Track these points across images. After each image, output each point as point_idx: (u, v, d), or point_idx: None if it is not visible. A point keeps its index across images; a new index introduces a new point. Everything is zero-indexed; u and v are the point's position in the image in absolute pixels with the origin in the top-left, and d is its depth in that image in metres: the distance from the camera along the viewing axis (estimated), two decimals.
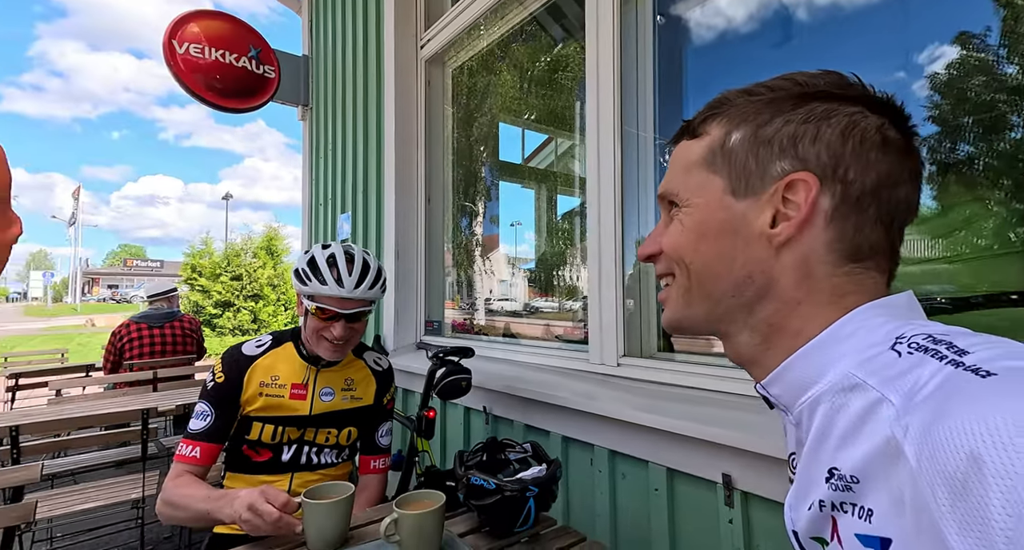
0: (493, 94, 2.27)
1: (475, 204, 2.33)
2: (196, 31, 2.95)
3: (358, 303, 1.16)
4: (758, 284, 0.42)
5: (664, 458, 1.09)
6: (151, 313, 3.48)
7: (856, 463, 0.34)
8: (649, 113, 1.41)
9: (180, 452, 1.11)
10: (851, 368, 0.36)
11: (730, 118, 0.44)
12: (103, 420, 2.03)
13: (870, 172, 0.40)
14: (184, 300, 11.70)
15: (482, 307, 2.23)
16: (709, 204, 0.44)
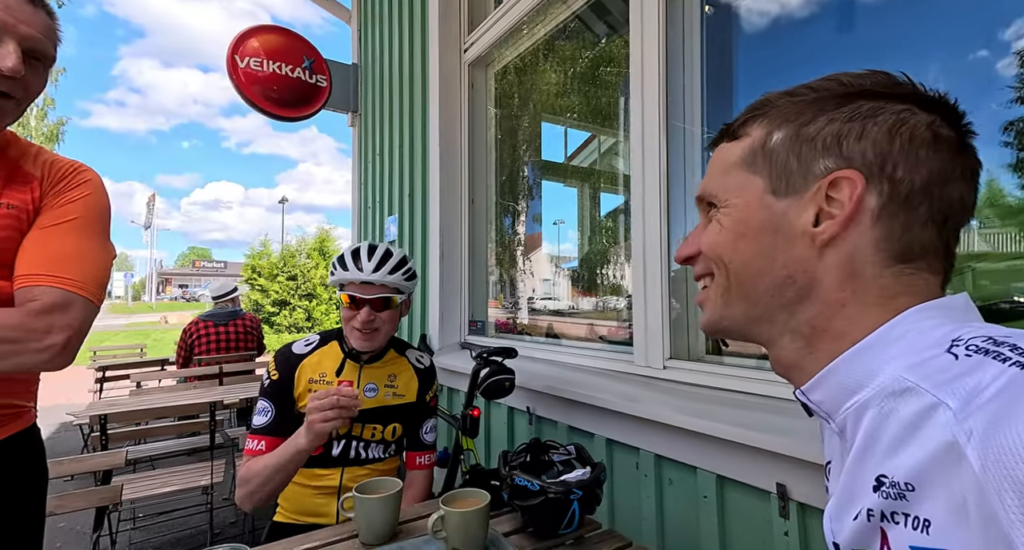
0: (536, 94, 2.27)
1: (518, 203, 2.34)
2: (256, 45, 3.12)
3: (379, 289, 1.22)
4: (800, 284, 0.41)
5: (713, 465, 1.05)
6: (217, 312, 3.72)
7: (911, 470, 0.32)
8: (696, 107, 1.37)
9: (247, 446, 1.19)
10: (902, 371, 0.34)
11: (771, 119, 0.44)
12: (177, 411, 2.19)
13: (920, 170, 0.38)
14: (245, 299, 12.42)
15: (525, 306, 2.23)
16: (749, 203, 0.43)
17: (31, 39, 0.73)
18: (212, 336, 3.62)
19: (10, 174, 0.80)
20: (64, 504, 1.26)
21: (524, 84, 2.29)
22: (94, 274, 0.80)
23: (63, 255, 0.77)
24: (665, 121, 1.34)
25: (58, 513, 1.25)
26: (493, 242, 2.33)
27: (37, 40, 0.74)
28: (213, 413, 2.12)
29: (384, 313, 1.24)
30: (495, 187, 2.33)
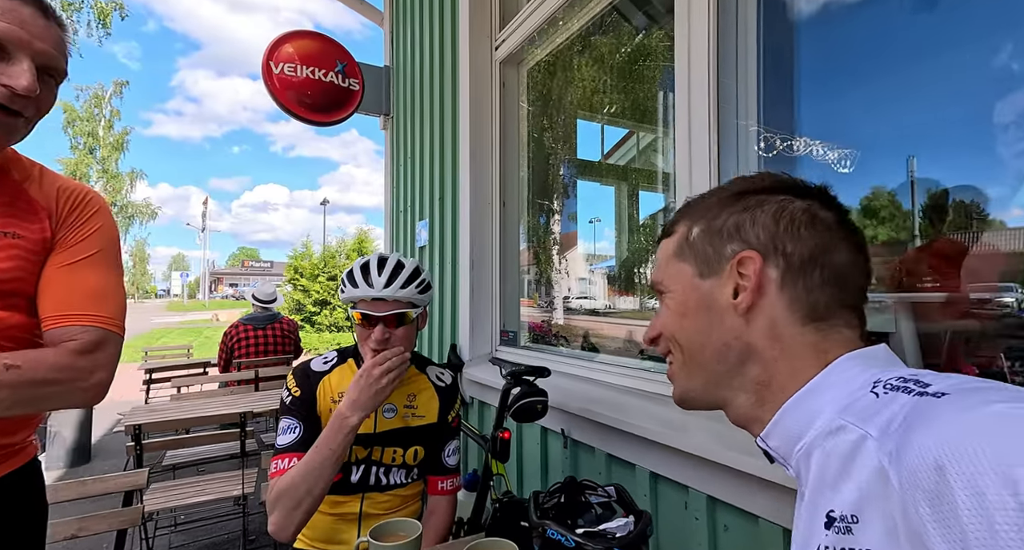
0: (571, 90, 2.15)
1: (553, 203, 2.23)
2: (290, 51, 3.13)
3: (392, 304, 1.13)
4: (737, 349, 0.48)
5: (776, 515, 0.91)
6: (256, 315, 3.79)
7: (852, 500, 0.36)
8: (752, 99, 1.21)
9: (275, 468, 1.08)
10: (835, 413, 0.40)
11: (691, 217, 0.53)
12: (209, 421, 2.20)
13: (805, 244, 0.47)
14: (288, 299, 12.82)
15: (561, 306, 2.13)
16: (684, 288, 0.52)
17: (45, 55, 0.71)
18: (251, 339, 3.69)
19: (13, 200, 0.77)
20: (86, 527, 1.24)
21: (559, 81, 2.17)
22: (120, 308, 0.83)
23: (93, 292, 0.79)
24: (716, 117, 1.19)
25: (80, 536, 1.23)
26: (527, 242, 2.23)
27: (51, 56, 0.72)
28: (243, 424, 2.11)
29: (399, 330, 1.14)
30: (528, 187, 2.22)
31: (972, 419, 0.30)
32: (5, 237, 0.73)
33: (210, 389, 3.18)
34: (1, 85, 0.66)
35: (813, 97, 1.20)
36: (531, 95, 2.24)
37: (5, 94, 0.67)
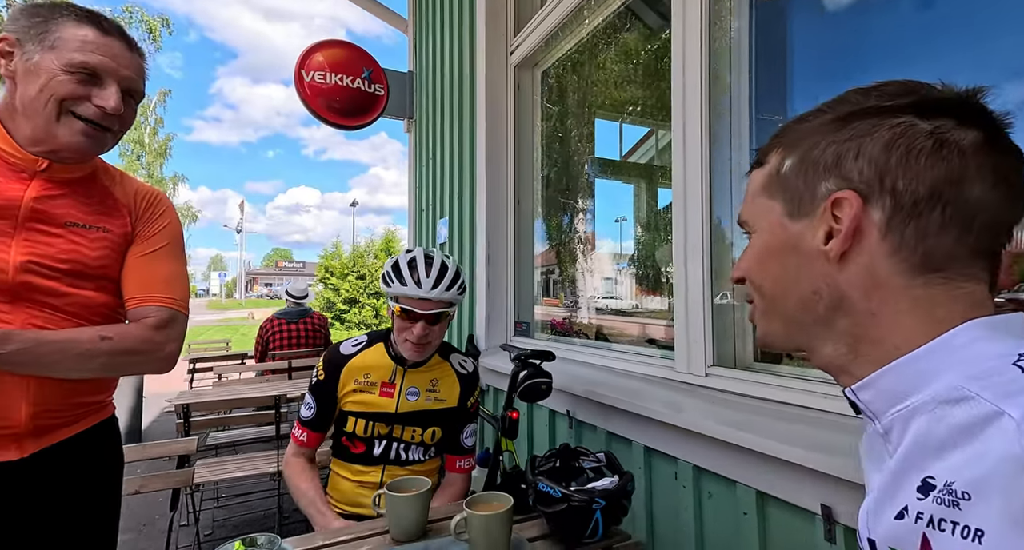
0: (586, 91, 2.23)
1: (572, 202, 2.31)
2: (320, 60, 3.31)
3: (436, 304, 1.23)
4: (827, 298, 0.44)
5: (754, 480, 0.99)
6: (289, 310, 4.02)
7: (971, 480, 0.32)
8: (744, 92, 1.29)
9: (293, 433, 1.30)
10: (960, 381, 0.35)
11: (785, 146, 0.47)
12: (249, 402, 2.39)
13: (923, 179, 0.39)
14: (319, 297, 13.25)
15: (585, 305, 2.20)
16: (771, 227, 0.47)
17: (129, 80, 0.86)
18: (285, 332, 3.92)
19: (103, 200, 0.93)
20: (147, 484, 1.42)
21: (573, 82, 2.26)
22: (185, 292, 0.99)
23: (164, 278, 0.95)
24: (708, 107, 1.27)
25: (142, 492, 1.41)
26: (550, 241, 2.32)
27: (133, 80, 0.87)
28: (278, 407, 2.30)
29: (436, 327, 1.25)
30: (542, 188, 2.32)
31: None
32: (97, 231, 0.89)
33: (248, 377, 3.40)
34: (95, 105, 0.82)
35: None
36: (545, 97, 2.35)
37: (97, 113, 0.82)
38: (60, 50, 0.79)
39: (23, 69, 0.79)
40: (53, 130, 0.81)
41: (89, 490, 0.93)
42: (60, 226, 0.85)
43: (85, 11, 0.83)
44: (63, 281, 0.85)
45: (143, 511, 2.78)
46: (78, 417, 0.90)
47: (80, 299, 0.87)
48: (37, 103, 0.79)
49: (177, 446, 1.51)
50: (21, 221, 0.81)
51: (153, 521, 2.75)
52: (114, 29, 0.85)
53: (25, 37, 0.79)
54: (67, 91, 0.80)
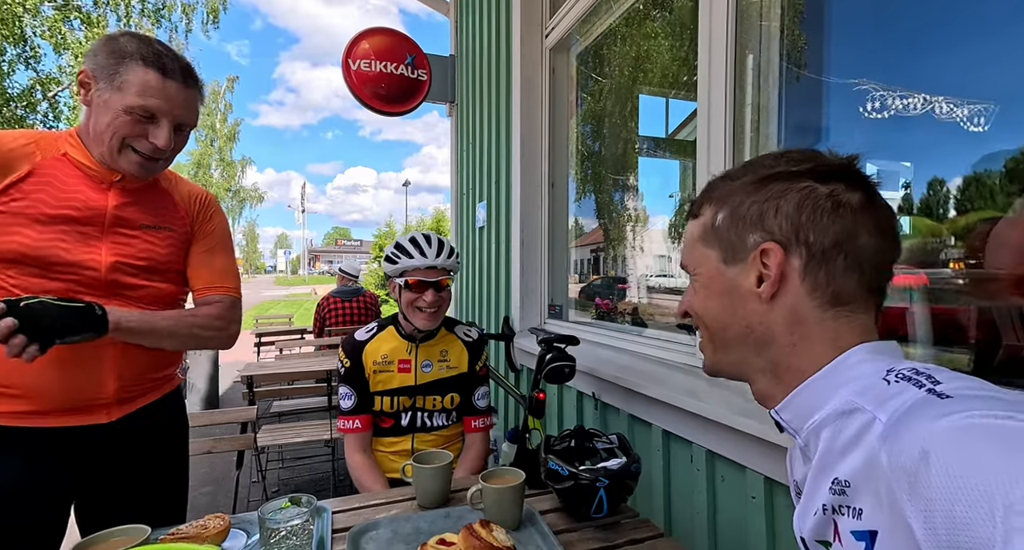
0: (624, 70, 2.19)
1: (617, 182, 2.29)
2: (366, 48, 3.41)
3: (440, 272, 1.37)
4: (758, 333, 0.52)
5: (761, 466, 1.02)
6: (343, 289, 4.28)
7: (849, 470, 0.42)
8: (773, 61, 1.24)
9: (342, 427, 1.41)
10: (850, 396, 0.44)
11: (716, 201, 0.55)
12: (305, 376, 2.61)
13: (827, 233, 0.48)
14: (372, 274, 13.83)
15: (635, 284, 2.20)
16: (710, 272, 0.55)
17: (180, 117, 0.98)
18: (339, 310, 4.18)
19: (165, 203, 1.08)
20: (217, 446, 1.64)
21: (611, 61, 2.22)
22: (238, 280, 1.18)
23: (222, 270, 1.14)
24: (733, 78, 1.24)
25: (213, 452, 1.63)
26: (592, 221, 2.32)
27: (184, 116, 0.99)
28: (330, 381, 2.50)
29: (444, 293, 1.39)
30: (580, 170, 2.33)
31: (966, 425, 0.34)
32: (165, 231, 1.05)
33: (307, 351, 3.69)
34: (149, 142, 0.94)
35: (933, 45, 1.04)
36: (581, 79, 2.33)
37: (150, 148, 0.95)
38: (125, 93, 0.90)
39: (97, 102, 0.92)
40: (115, 159, 0.94)
41: (163, 447, 1.11)
42: (136, 229, 1.01)
43: (153, 52, 0.92)
44: (140, 276, 1.00)
45: (221, 469, 3.14)
46: (152, 388, 1.06)
47: (152, 290, 1.02)
48: (104, 136, 0.92)
49: (241, 413, 1.72)
50: (107, 226, 0.97)
51: (229, 477, 3.10)
52: (175, 69, 0.94)
53: (100, 75, 0.91)
54: (127, 131, 0.92)
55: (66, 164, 0.94)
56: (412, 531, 0.95)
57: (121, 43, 0.91)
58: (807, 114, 1.29)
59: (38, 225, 0.89)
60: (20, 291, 0.88)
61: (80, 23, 8.84)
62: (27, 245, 0.88)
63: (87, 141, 0.95)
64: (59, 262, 0.91)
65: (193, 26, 10.43)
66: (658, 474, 1.34)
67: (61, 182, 0.93)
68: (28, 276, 0.89)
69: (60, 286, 0.91)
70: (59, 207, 0.91)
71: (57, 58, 9.13)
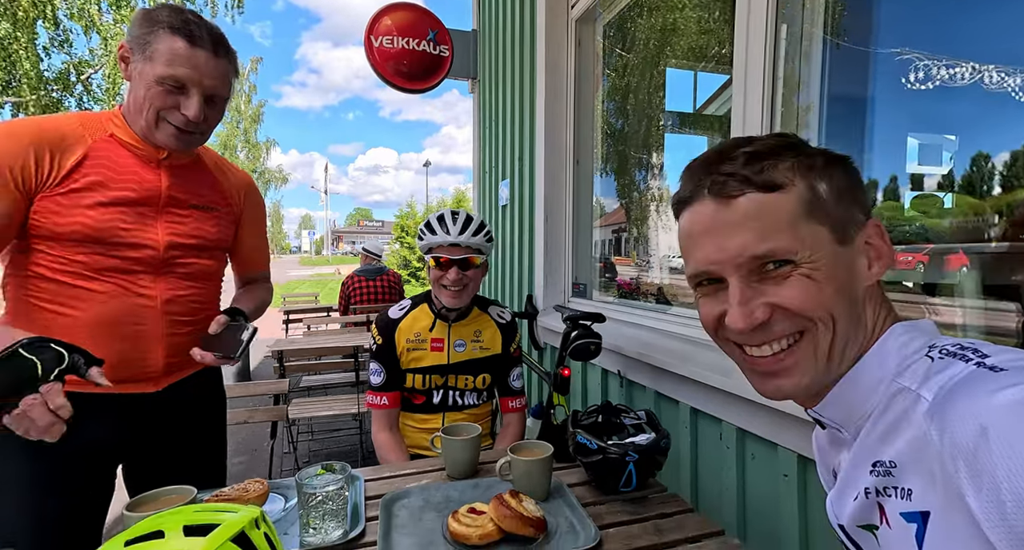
0: (653, 41, 2.12)
1: (642, 159, 2.24)
2: (388, 24, 3.36)
3: (464, 250, 1.35)
4: (861, 329, 0.46)
5: (795, 444, 1.00)
6: (367, 268, 4.35)
7: (895, 452, 0.40)
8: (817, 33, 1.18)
9: (371, 401, 1.43)
10: (894, 377, 0.42)
11: (800, 171, 0.45)
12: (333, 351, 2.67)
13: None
14: (395, 255, 13.97)
15: (657, 264, 2.17)
16: (829, 255, 0.44)
17: (212, 87, 0.96)
18: (364, 288, 4.25)
19: (211, 184, 1.11)
20: (252, 416, 1.70)
21: (639, 32, 2.15)
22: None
23: (262, 249, 1.28)
24: (772, 48, 1.18)
25: (250, 422, 1.69)
26: (614, 200, 2.29)
27: (216, 87, 0.97)
28: (356, 356, 2.55)
29: (469, 271, 1.37)
30: (606, 147, 2.27)
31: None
32: (212, 211, 1.08)
33: (333, 328, 3.77)
34: (180, 114, 0.93)
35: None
36: (608, 51, 2.26)
37: (182, 120, 0.94)
38: (155, 62, 0.89)
39: (134, 76, 0.91)
40: (153, 133, 0.95)
41: (204, 416, 1.16)
42: (187, 208, 1.03)
43: (180, 20, 0.90)
44: (191, 254, 1.04)
45: (254, 441, 3.26)
46: (194, 361, 1.09)
47: (200, 266, 1.06)
48: (142, 109, 0.92)
49: (273, 386, 1.78)
50: (161, 206, 0.99)
51: (262, 448, 3.22)
52: (204, 37, 0.92)
53: (135, 46, 0.91)
54: (160, 103, 0.92)
55: (115, 145, 0.95)
56: (442, 500, 0.97)
57: (154, 14, 0.91)
58: (848, 86, 1.23)
59: (100, 206, 0.91)
60: (84, 269, 0.91)
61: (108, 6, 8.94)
62: (89, 226, 0.90)
63: (130, 117, 0.96)
64: (120, 242, 0.93)
65: (218, 10, 10.46)
66: (685, 451, 1.34)
67: (115, 163, 0.94)
68: (91, 254, 0.91)
69: (119, 263, 0.94)
70: (117, 188, 0.93)
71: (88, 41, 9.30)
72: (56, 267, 0.90)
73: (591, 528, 0.85)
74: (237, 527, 0.55)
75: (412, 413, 1.47)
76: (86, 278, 0.92)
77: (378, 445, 1.41)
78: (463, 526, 0.81)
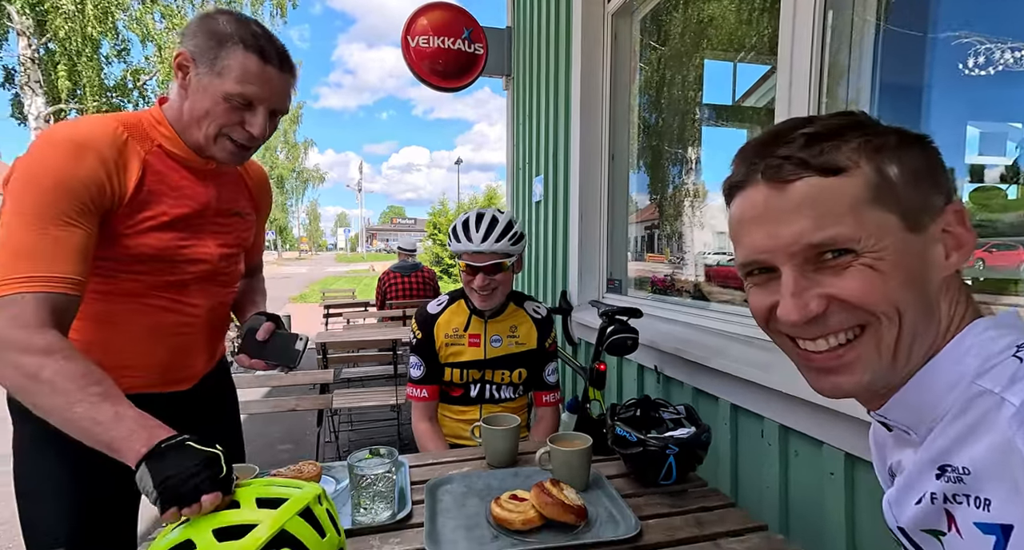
0: (692, 33, 2.08)
1: (678, 153, 2.21)
2: (424, 24, 3.41)
3: (489, 256, 1.35)
4: (935, 323, 0.43)
5: (842, 442, 0.98)
6: (402, 265, 4.45)
7: (970, 458, 0.37)
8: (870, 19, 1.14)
9: (411, 394, 1.48)
10: (974, 378, 0.39)
11: (867, 152, 0.41)
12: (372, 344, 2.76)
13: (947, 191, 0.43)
14: (428, 252, 14.17)
15: (692, 261, 2.13)
16: (897, 244, 0.40)
17: (276, 103, 0.93)
18: (399, 284, 4.36)
19: (244, 186, 1.11)
20: (300, 404, 1.78)
21: (677, 24, 2.12)
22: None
23: (263, 240, 1.29)
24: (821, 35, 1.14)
25: (297, 409, 1.77)
26: (648, 196, 2.27)
27: (280, 102, 0.94)
28: (395, 349, 2.62)
29: (497, 275, 1.38)
30: (641, 142, 2.26)
31: None
32: (246, 216, 1.09)
33: (371, 322, 3.88)
34: (244, 130, 0.91)
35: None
36: (645, 45, 2.23)
37: (245, 137, 0.92)
38: (225, 78, 0.86)
39: (195, 86, 0.88)
40: (210, 147, 0.92)
41: (221, 408, 1.19)
42: (228, 216, 1.04)
43: (250, 34, 0.88)
44: (230, 260, 1.05)
45: (297, 428, 3.40)
46: (217, 356, 1.14)
47: (235, 271, 1.09)
48: (202, 122, 0.89)
49: (319, 375, 1.87)
50: (210, 217, 0.99)
51: (305, 436, 3.36)
52: (273, 53, 0.90)
53: (200, 57, 0.86)
54: (225, 120, 0.89)
55: (165, 157, 0.92)
56: (484, 487, 1.00)
57: (220, 24, 0.88)
58: (900, 73, 1.18)
59: (162, 227, 0.91)
60: (142, 286, 0.92)
61: (160, 16, 9.42)
62: (154, 247, 0.90)
63: (180, 125, 0.92)
64: (181, 259, 0.94)
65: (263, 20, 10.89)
66: (725, 447, 1.32)
67: (170, 178, 0.92)
68: (154, 274, 0.92)
69: (177, 279, 0.95)
70: (175, 206, 0.92)
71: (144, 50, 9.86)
72: (113, 284, 0.89)
73: (631, 518, 0.86)
74: (303, 502, 0.59)
75: (450, 405, 1.51)
76: (142, 294, 0.92)
77: (418, 435, 1.45)
78: (506, 511, 0.84)
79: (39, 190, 0.77)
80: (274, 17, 11.06)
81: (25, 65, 9.14)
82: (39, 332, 0.71)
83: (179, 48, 0.89)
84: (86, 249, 0.79)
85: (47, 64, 9.20)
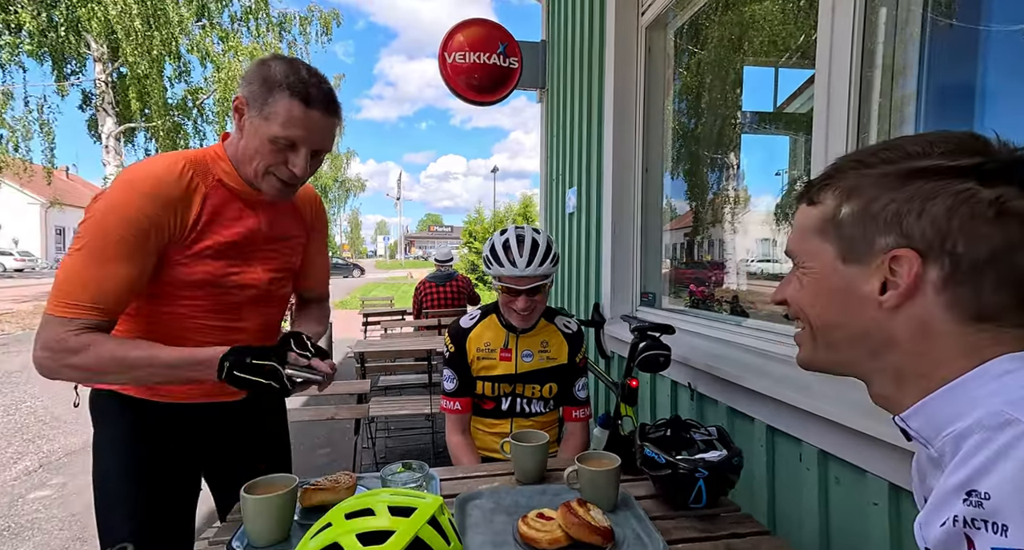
0: (729, 42, 2.05)
1: (717, 160, 2.18)
2: (461, 40, 3.51)
3: (532, 279, 1.37)
4: (876, 339, 0.47)
5: (885, 471, 0.94)
6: (438, 274, 4.54)
7: (992, 484, 0.38)
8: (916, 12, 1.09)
9: (444, 406, 1.51)
10: (1001, 405, 0.39)
11: (842, 190, 0.48)
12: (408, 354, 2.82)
13: (983, 244, 0.41)
14: (464, 260, 14.34)
15: (734, 270, 2.08)
16: (823, 268, 0.49)
17: (319, 144, 0.99)
18: (435, 293, 4.45)
19: (293, 211, 1.17)
20: (338, 413, 1.85)
21: (713, 34, 2.09)
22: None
23: (327, 270, 1.33)
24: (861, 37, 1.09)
25: (336, 418, 1.84)
26: (686, 204, 2.24)
27: (322, 143, 1.00)
28: (430, 359, 2.67)
29: (538, 297, 1.41)
30: (680, 148, 2.23)
31: None
32: (294, 240, 1.15)
33: (407, 331, 3.97)
34: (288, 169, 0.98)
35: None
36: (680, 57, 2.22)
37: (288, 175, 0.99)
38: (271, 123, 0.93)
39: (248, 128, 0.96)
40: (258, 183, 1.01)
41: (269, 418, 1.26)
42: (277, 241, 1.11)
43: (299, 80, 0.93)
44: (278, 283, 1.12)
45: (334, 435, 3.51)
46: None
47: (283, 292, 1.16)
48: (252, 160, 0.97)
49: (357, 385, 1.93)
50: (260, 244, 1.07)
51: (342, 442, 3.46)
52: (319, 98, 0.95)
53: (253, 102, 0.94)
54: (270, 160, 0.97)
55: (224, 191, 1.01)
56: (512, 504, 1.01)
57: (272, 70, 0.94)
58: (955, 73, 1.12)
59: (216, 256, 0.99)
60: (197, 310, 1.01)
61: (218, 38, 10.04)
62: (210, 274, 0.99)
63: (236, 161, 1.01)
64: (233, 285, 1.03)
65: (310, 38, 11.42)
66: (760, 470, 1.29)
67: (226, 209, 1.00)
68: (208, 298, 1.01)
69: (228, 302, 1.03)
70: (230, 236, 1.00)
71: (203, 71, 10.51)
72: (171, 307, 0.98)
73: (659, 541, 0.85)
74: (431, 511, 0.64)
75: (482, 417, 1.53)
76: (198, 316, 1.00)
77: (451, 447, 1.48)
78: (533, 530, 0.85)
79: (105, 229, 0.89)
80: (320, 36, 11.55)
81: (100, 89, 9.92)
82: (76, 336, 0.87)
83: (237, 92, 0.99)
84: (135, 283, 0.92)
85: (118, 87, 9.96)
